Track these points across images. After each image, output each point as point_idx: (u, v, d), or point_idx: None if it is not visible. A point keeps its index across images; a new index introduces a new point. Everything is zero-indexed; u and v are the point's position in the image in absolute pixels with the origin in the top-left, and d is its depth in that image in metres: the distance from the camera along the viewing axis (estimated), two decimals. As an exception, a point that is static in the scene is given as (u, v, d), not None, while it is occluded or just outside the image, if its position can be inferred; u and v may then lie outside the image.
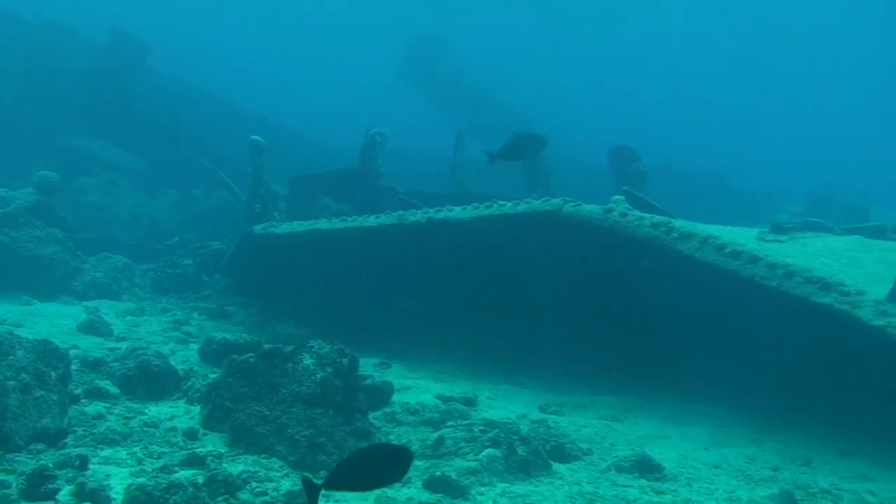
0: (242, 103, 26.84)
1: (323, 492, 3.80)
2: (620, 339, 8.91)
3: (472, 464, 6.07)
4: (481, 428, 6.54)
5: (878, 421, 7.17)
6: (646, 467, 6.44)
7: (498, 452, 6.20)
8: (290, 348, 6.53)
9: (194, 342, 9.77)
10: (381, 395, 7.53)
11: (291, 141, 25.90)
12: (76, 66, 21.79)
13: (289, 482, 5.39)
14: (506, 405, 8.13)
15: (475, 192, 13.71)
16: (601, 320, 8.97)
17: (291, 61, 58.82)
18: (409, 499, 5.12)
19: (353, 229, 10.23)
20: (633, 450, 6.79)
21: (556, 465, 6.45)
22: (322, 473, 5.66)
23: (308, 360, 6.31)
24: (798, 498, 6.04)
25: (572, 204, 8.53)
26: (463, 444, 6.38)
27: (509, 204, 9.04)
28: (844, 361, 7.06)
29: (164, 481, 4.74)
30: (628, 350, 8.87)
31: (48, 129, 20.76)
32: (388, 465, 3.94)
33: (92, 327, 9.89)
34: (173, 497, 4.66)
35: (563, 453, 6.70)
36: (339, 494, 5.21)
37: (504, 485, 5.91)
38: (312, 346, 6.42)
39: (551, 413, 7.98)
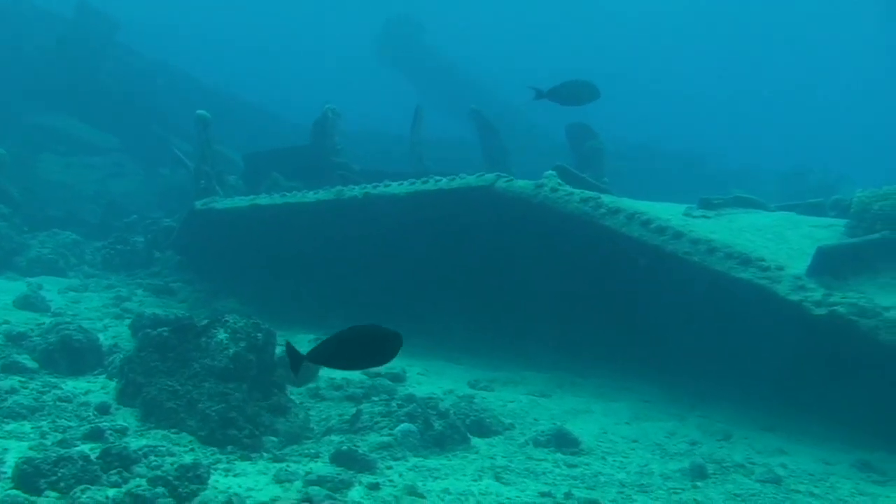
0: (223, 85, 26.67)
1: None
2: (554, 314, 8.90)
3: (386, 438, 6.06)
4: (399, 403, 6.53)
5: (799, 395, 7.22)
6: (562, 441, 6.47)
7: (413, 427, 6.19)
8: (203, 322, 6.45)
9: (130, 318, 9.66)
10: (304, 369, 7.47)
11: (269, 122, 25.73)
12: (42, 42, 21.42)
13: (191, 457, 5.33)
14: (436, 381, 8.13)
15: (436, 170, 13.64)
16: (535, 296, 8.96)
17: (270, 41, 58.18)
18: (308, 472, 5.07)
19: (292, 205, 10.13)
20: (554, 424, 6.79)
21: (474, 440, 6.44)
22: (231, 448, 5.64)
23: (222, 335, 6.24)
24: (710, 471, 6.08)
25: (505, 179, 8.49)
26: (379, 418, 6.36)
27: (445, 179, 8.98)
28: (765, 336, 7.09)
29: (54, 455, 4.67)
30: (561, 326, 8.87)
31: (15, 106, 20.44)
32: (374, 347, 3.88)
33: (28, 303, 9.74)
34: (62, 470, 4.59)
35: (483, 428, 6.70)
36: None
37: (417, 459, 5.90)
38: (227, 321, 6.34)
39: (480, 389, 7.98)
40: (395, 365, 8.28)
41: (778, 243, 7.34)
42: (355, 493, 4.96)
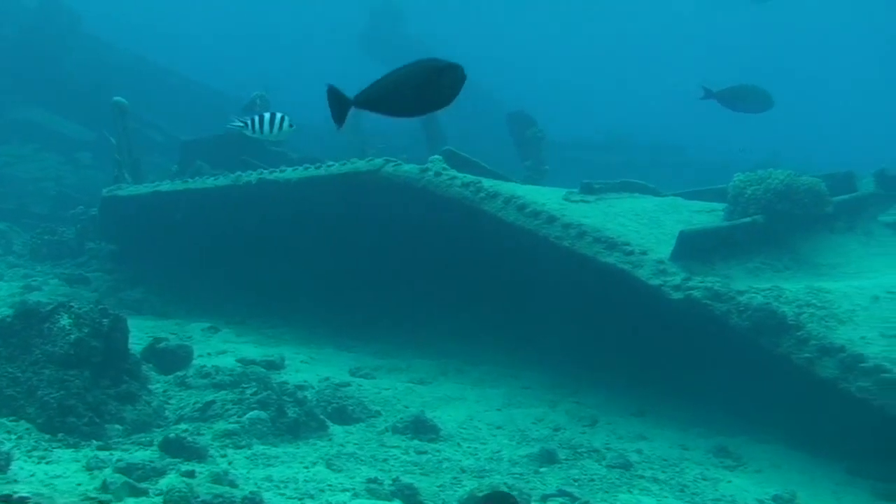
0: (207, 77, 26.40)
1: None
2: (443, 300, 8.83)
3: (233, 426, 5.95)
4: (253, 390, 6.42)
5: (666, 380, 7.18)
6: (421, 428, 6.39)
7: (264, 414, 6.09)
8: (48, 308, 6.30)
9: (25, 307, 9.50)
10: (174, 358, 7.36)
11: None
12: (7, 32, 21.08)
13: (11, 444, 5.20)
14: (317, 369, 8.01)
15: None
16: (426, 281, 8.87)
17: (254, 32, 57.66)
18: (119, 459, 4.96)
19: (193, 191, 9.98)
20: (417, 411, 6.70)
21: (333, 428, 6.35)
22: (61, 436, 5.51)
23: (65, 321, 6.09)
24: (562, 457, 6.04)
25: (393, 164, 8.37)
26: (230, 406, 6.26)
27: (336, 164, 8.87)
28: (630, 320, 7.04)
29: None
30: (451, 312, 8.79)
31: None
32: (431, 85, 3.37)
33: (-70, 290, 9.56)
34: None
35: (345, 415, 6.62)
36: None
37: (263, 447, 5.78)
38: (72, 306, 6.20)
39: (361, 376, 7.88)
40: (273, 353, 8.24)
41: (651, 228, 7.28)
42: (166, 481, 4.84)
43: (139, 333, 8.60)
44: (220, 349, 8.35)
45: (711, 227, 7.04)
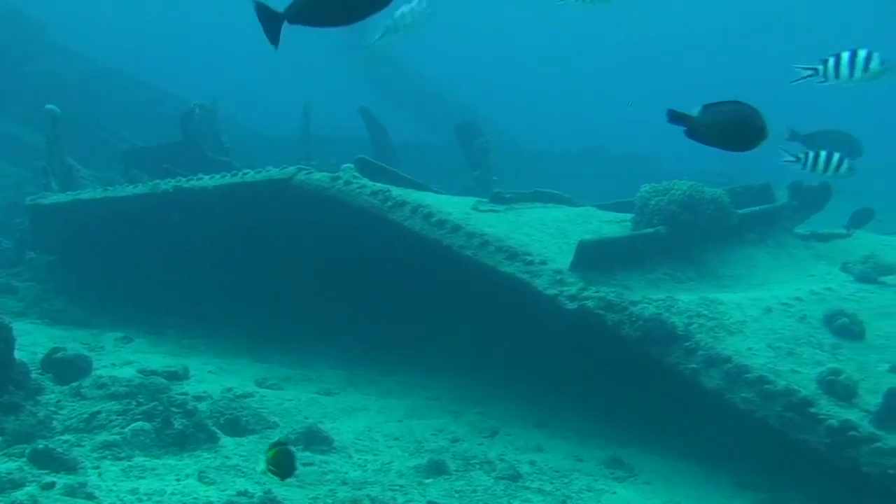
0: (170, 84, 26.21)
1: None
2: (358, 309, 8.74)
3: (114, 437, 5.83)
4: (139, 401, 6.29)
5: (568, 390, 7.14)
6: (313, 440, 6.29)
7: (148, 426, 5.96)
8: (-71, 316, 6.14)
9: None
10: (72, 368, 7.19)
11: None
12: None
13: None
14: (223, 379, 7.86)
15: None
16: (343, 290, 8.79)
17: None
18: (-20, 471, 4.81)
19: (112, 199, 9.82)
20: (313, 423, 6.59)
21: (225, 439, 6.23)
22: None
23: (-58, 330, 5.94)
24: (453, 468, 5.96)
25: (305, 172, 8.29)
26: (115, 417, 6.12)
27: (252, 172, 8.77)
28: (535, 330, 7.00)
29: None
30: (370, 322, 8.71)
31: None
32: None
33: None
34: None
35: (238, 427, 6.49)
36: None
37: (145, 458, 5.66)
38: (-48, 315, 6.04)
39: (266, 387, 7.74)
40: (176, 364, 8.08)
41: (557, 238, 7.25)
42: (21, 493, 4.70)
43: (49, 343, 8.47)
44: (127, 360, 8.19)
45: (611, 237, 7.03)
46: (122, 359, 8.23)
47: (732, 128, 4.01)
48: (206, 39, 57.19)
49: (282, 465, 4.41)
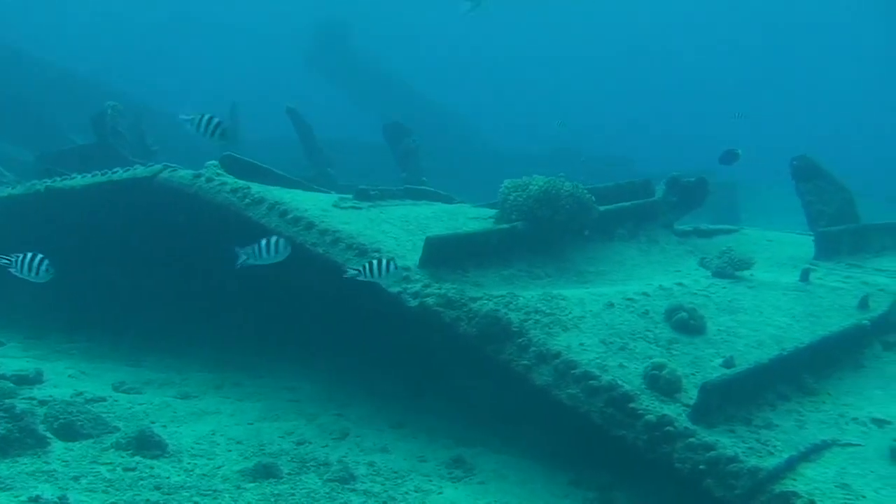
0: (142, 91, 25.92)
1: None
2: (239, 311, 8.56)
3: (-75, 444, 5.57)
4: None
5: (422, 389, 7.01)
6: (145, 444, 6.06)
7: (-36, 430, 5.71)
8: None
9: None
10: None
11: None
12: None
13: None
14: (79, 384, 7.62)
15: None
16: (219, 292, 8.60)
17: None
18: None
19: (-9, 200, 9.52)
20: (148, 426, 6.36)
21: (56, 444, 6.00)
22: None
23: None
24: (286, 471, 5.80)
25: (170, 170, 8.08)
26: (-69, 422, 5.86)
27: (120, 170, 8.53)
28: (389, 328, 6.86)
29: None
30: (243, 322, 8.52)
31: None
32: None
33: None
34: None
35: (73, 431, 6.25)
36: None
37: (-41, 466, 5.41)
38: None
39: (123, 391, 7.52)
40: (29, 368, 7.82)
41: (415, 235, 7.10)
42: None
43: None
44: (-14, 364, 7.90)
45: (461, 233, 6.90)
46: (-19, 364, 7.96)
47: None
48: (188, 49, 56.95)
49: None
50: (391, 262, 5.87)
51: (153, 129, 22.80)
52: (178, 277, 9.34)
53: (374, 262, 5.89)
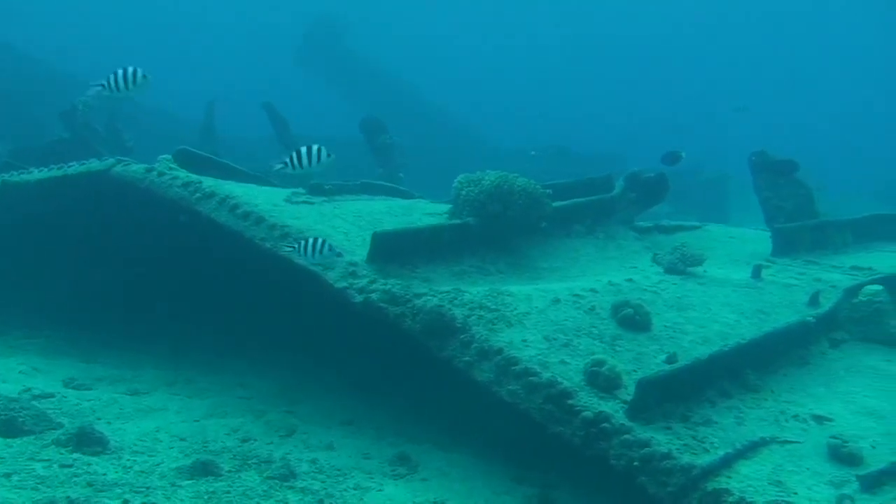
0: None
1: None
2: (197, 306, 8.48)
3: None
4: None
5: (379, 386, 6.95)
6: (85, 441, 5.98)
7: None
8: None
9: None
10: None
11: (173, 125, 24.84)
12: None
13: None
14: (29, 380, 7.53)
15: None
16: (176, 288, 8.52)
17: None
18: None
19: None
20: (88, 423, 6.27)
21: (-6, 441, 5.91)
22: None
23: None
24: (226, 469, 5.74)
25: (124, 163, 7.99)
26: None
27: (76, 164, 8.44)
28: (328, 324, 6.80)
29: None
30: (201, 318, 8.44)
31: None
32: None
33: None
34: None
35: (13, 427, 6.17)
36: None
37: None
38: None
39: (73, 387, 7.43)
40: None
41: (366, 230, 7.03)
42: None
43: None
44: None
45: (410, 228, 6.83)
46: None
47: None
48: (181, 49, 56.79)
49: None
50: (325, 243, 5.86)
51: (146, 126, 22.88)
52: (140, 274, 9.26)
53: (310, 240, 5.88)
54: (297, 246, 5.99)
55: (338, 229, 7.00)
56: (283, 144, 18.07)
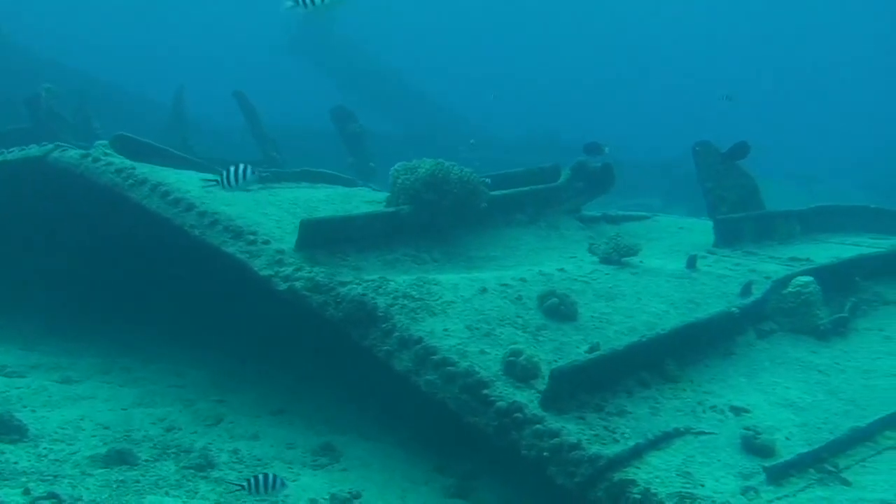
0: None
1: None
2: (142, 296, 8.39)
3: None
4: None
5: (312, 375, 6.89)
6: (2, 429, 5.91)
7: None
8: None
9: None
10: None
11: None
12: None
13: None
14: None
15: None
16: (125, 277, 8.43)
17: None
18: None
19: None
20: (6, 410, 6.18)
21: (-77, 431, 5.81)
22: None
23: None
24: (143, 458, 5.70)
25: (61, 149, 7.87)
26: None
27: (16, 150, 8.31)
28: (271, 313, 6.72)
29: None
30: (142, 307, 8.35)
31: None
32: None
33: None
34: None
35: (-53, 418, 6.08)
36: None
37: None
38: None
39: (4, 375, 7.32)
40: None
41: (299, 217, 6.92)
42: None
43: None
44: None
45: (339, 216, 6.75)
46: None
47: None
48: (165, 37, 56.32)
49: None
50: (248, 168, 5.80)
51: (127, 112, 22.69)
52: (89, 262, 9.14)
53: (233, 168, 5.83)
54: (221, 175, 5.92)
55: (270, 216, 6.91)
56: (254, 133, 17.95)
